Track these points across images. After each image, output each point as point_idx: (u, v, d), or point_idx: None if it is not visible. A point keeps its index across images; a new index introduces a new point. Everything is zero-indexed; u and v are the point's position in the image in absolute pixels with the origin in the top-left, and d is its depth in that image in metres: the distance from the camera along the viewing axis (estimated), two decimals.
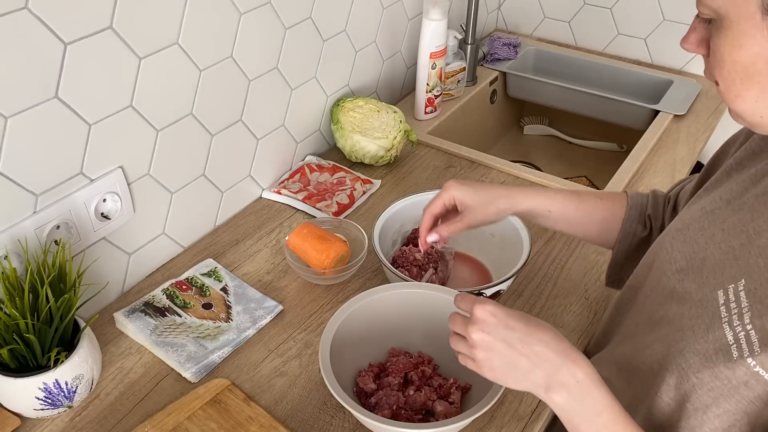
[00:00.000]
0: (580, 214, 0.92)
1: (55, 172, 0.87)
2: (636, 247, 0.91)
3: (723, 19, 0.57)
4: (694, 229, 0.71)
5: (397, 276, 0.95)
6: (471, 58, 1.57)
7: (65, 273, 0.82)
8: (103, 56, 0.86)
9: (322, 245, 1.02)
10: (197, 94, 1.03)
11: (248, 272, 1.08)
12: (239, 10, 1.04)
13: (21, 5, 0.75)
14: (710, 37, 0.60)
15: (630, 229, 0.91)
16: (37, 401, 0.80)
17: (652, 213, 0.91)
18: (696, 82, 1.59)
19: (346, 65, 1.35)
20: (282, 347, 0.96)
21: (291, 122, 1.26)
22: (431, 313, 0.90)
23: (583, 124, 1.73)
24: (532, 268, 1.09)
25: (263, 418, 0.84)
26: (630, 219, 0.91)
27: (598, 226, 0.92)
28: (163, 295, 1.01)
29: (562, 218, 0.92)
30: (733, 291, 0.62)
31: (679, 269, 0.70)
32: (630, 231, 0.91)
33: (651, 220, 0.90)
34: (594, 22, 1.75)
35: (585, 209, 0.92)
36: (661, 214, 0.90)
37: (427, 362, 0.89)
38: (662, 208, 0.90)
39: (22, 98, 0.79)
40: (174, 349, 0.93)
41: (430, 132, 1.45)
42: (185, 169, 1.07)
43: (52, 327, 0.79)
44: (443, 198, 0.92)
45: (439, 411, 0.82)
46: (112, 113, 0.91)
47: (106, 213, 0.96)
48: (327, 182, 1.27)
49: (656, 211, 0.91)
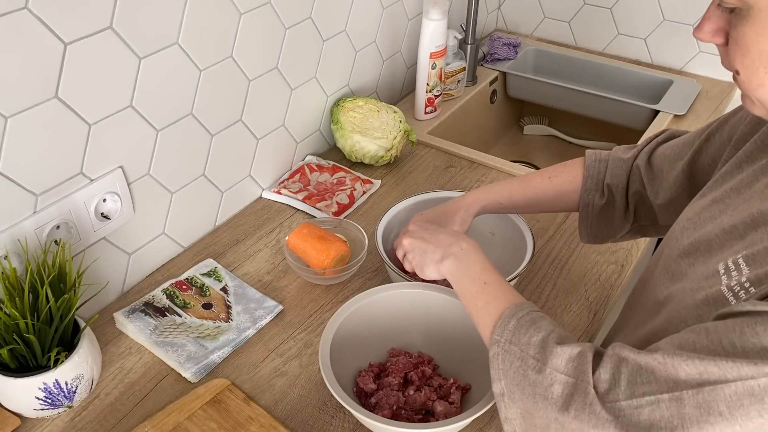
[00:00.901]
0: (529, 196, 0.97)
1: (55, 172, 0.87)
2: (597, 214, 0.94)
3: (751, 8, 0.57)
4: (705, 217, 0.71)
5: (399, 276, 0.95)
6: (471, 58, 1.57)
7: (65, 273, 0.82)
8: (103, 56, 0.86)
9: (322, 245, 1.02)
10: (197, 94, 1.03)
11: (248, 272, 1.08)
12: (239, 10, 1.04)
13: (21, 5, 0.75)
14: (729, 26, 0.60)
15: (587, 199, 0.94)
16: (37, 401, 0.80)
17: (611, 180, 0.92)
18: (696, 82, 1.59)
19: (346, 65, 1.35)
20: (282, 347, 0.96)
21: (291, 122, 1.26)
22: (431, 313, 0.90)
23: (583, 124, 1.73)
24: (532, 268, 1.09)
25: (263, 418, 0.84)
26: (587, 190, 0.94)
27: (551, 203, 0.98)
28: (163, 295, 1.01)
29: (514, 206, 0.98)
30: (733, 261, 0.62)
31: (686, 253, 0.71)
32: (588, 201, 0.94)
33: (611, 187, 0.92)
34: (594, 22, 1.75)
35: (533, 192, 0.97)
36: (623, 180, 0.91)
37: (427, 362, 0.89)
38: (626, 173, 0.91)
39: (22, 98, 0.79)
40: (174, 349, 0.93)
41: (430, 132, 1.45)
42: (185, 169, 1.07)
43: (52, 327, 0.79)
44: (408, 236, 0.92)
45: (439, 411, 0.82)
46: (112, 113, 0.91)
47: (106, 213, 0.96)
48: (327, 182, 1.27)
49: (615, 177, 0.92)
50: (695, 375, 0.55)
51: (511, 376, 0.66)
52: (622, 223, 0.93)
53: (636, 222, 0.93)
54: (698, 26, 0.63)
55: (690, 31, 1.61)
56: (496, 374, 0.68)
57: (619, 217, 0.93)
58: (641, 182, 0.89)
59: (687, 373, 0.56)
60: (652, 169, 0.88)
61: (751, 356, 0.53)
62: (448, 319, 0.89)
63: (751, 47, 0.59)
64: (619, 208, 0.92)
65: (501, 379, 0.67)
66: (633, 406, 0.57)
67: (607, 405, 0.59)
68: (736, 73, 0.62)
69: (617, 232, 0.95)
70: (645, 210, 0.91)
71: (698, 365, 0.55)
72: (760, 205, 0.65)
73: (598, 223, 0.95)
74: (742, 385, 0.53)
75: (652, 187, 0.88)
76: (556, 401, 0.62)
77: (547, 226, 1.19)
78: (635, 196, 0.91)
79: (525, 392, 0.65)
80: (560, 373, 0.62)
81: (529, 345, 0.66)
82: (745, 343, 0.54)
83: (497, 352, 0.68)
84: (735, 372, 0.53)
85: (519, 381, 0.65)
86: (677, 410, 0.55)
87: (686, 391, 0.55)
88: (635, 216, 0.92)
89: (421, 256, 0.84)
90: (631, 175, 0.91)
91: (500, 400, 0.68)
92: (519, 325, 0.68)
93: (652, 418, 0.56)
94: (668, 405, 0.56)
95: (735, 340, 0.55)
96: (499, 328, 0.69)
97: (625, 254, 1.13)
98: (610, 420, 0.58)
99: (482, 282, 0.77)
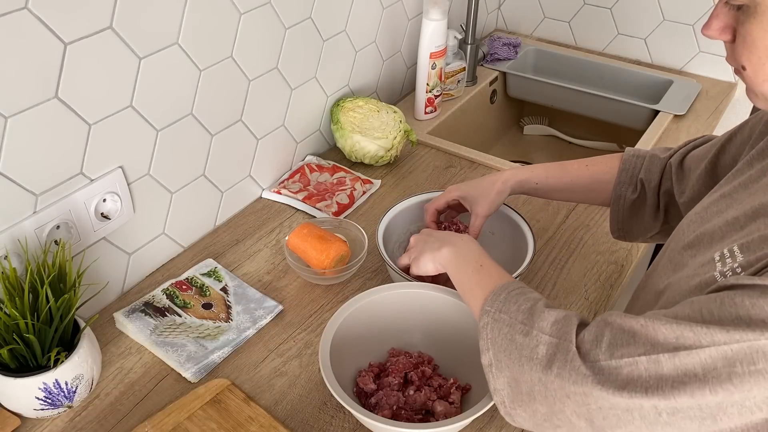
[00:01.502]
0: (565, 181, 0.99)
1: (55, 172, 0.87)
2: (629, 209, 0.95)
3: (758, 5, 0.59)
4: (712, 212, 0.72)
5: (399, 276, 0.95)
6: (471, 58, 1.57)
7: (65, 273, 0.82)
8: (103, 56, 0.86)
9: (322, 245, 1.02)
10: (197, 94, 1.03)
11: (248, 272, 1.08)
12: (239, 10, 1.04)
13: (21, 5, 0.75)
14: (737, 23, 0.62)
15: (620, 191, 0.96)
16: (37, 401, 0.80)
17: (645, 176, 0.93)
18: (696, 82, 1.59)
19: (346, 65, 1.35)
20: (282, 347, 0.96)
21: (291, 122, 1.26)
22: (431, 313, 0.90)
23: (583, 124, 1.73)
24: (532, 268, 1.09)
25: (263, 418, 0.84)
26: (620, 182, 0.95)
27: (584, 190, 1.00)
28: (163, 295, 1.01)
29: (548, 187, 1.00)
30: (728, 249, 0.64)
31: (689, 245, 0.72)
32: (620, 194, 0.96)
33: (643, 183, 0.93)
34: (594, 22, 1.75)
35: (569, 176, 0.99)
36: (656, 177, 0.93)
37: (427, 362, 0.89)
38: (659, 171, 0.93)
39: (22, 98, 0.79)
40: (174, 349, 0.93)
41: (430, 132, 1.45)
42: (185, 169, 1.07)
43: (52, 327, 0.79)
44: (446, 197, 1.02)
45: (439, 411, 0.82)
46: (112, 113, 0.91)
47: (106, 213, 0.96)
48: (327, 182, 1.27)
49: (650, 174, 0.93)
50: (672, 339, 0.58)
51: (499, 343, 0.69)
52: (653, 222, 0.94)
53: (667, 223, 0.94)
54: (706, 24, 0.65)
55: (690, 31, 1.61)
56: (485, 344, 0.70)
57: (650, 215, 0.94)
58: (671, 181, 0.91)
59: (665, 337, 0.58)
60: (682, 168, 0.90)
61: (726, 324, 0.56)
62: (448, 319, 0.89)
63: (759, 43, 0.60)
64: (650, 205, 0.93)
65: (489, 349, 0.70)
66: (612, 366, 0.60)
67: (588, 363, 0.61)
68: (741, 68, 0.64)
69: (647, 231, 0.96)
70: (675, 210, 0.92)
71: (675, 329, 0.58)
72: (763, 197, 0.66)
73: (629, 218, 0.96)
74: (716, 350, 0.55)
75: (679, 185, 0.89)
76: (540, 361, 0.64)
77: (547, 226, 1.19)
78: (666, 194, 0.92)
79: (511, 357, 0.67)
80: (545, 334, 0.65)
81: (518, 312, 0.69)
82: (722, 313, 0.56)
83: (487, 322, 0.71)
84: (708, 338, 0.56)
85: (506, 347, 0.68)
86: (655, 371, 0.58)
87: (663, 354, 0.58)
88: (666, 216, 0.93)
89: (421, 247, 0.89)
90: (664, 174, 0.92)
91: (488, 371, 0.70)
92: (509, 297, 0.71)
93: (630, 377, 0.59)
94: (646, 366, 0.58)
95: (714, 310, 0.57)
96: (490, 300, 0.73)
97: (625, 254, 1.13)
98: (589, 376, 0.61)
99: (478, 264, 0.80)
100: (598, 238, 1.15)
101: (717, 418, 0.57)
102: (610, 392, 0.59)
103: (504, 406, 0.69)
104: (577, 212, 1.21)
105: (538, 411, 0.66)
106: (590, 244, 1.14)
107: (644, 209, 0.94)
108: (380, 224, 1.04)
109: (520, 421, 0.69)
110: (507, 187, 0.99)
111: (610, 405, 0.60)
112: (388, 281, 1.05)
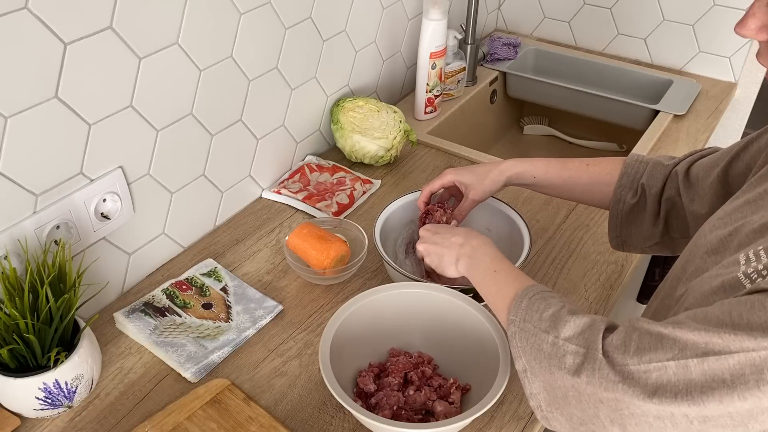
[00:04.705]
0: (564, 178, 0.98)
1: (55, 172, 0.87)
2: (627, 214, 0.94)
3: None
4: (735, 217, 0.71)
5: (399, 273, 0.95)
6: (471, 58, 1.57)
7: (65, 273, 0.82)
8: (103, 56, 0.86)
9: (322, 245, 1.02)
10: (197, 94, 1.03)
11: (248, 272, 1.08)
12: (239, 10, 1.04)
13: (21, 5, 0.75)
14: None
15: (619, 195, 0.94)
16: (37, 401, 0.80)
17: (647, 182, 0.92)
18: (696, 82, 1.59)
19: (346, 65, 1.35)
20: (282, 347, 0.96)
21: (291, 122, 1.26)
22: (431, 313, 0.90)
23: (583, 124, 1.73)
24: (532, 268, 1.09)
25: (263, 418, 0.84)
26: (621, 186, 0.94)
27: (582, 189, 0.98)
28: (163, 295, 1.01)
29: (547, 183, 0.99)
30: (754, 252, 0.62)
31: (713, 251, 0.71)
32: (619, 198, 0.94)
33: (644, 188, 0.92)
34: (594, 22, 1.75)
35: (568, 173, 0.98)
36: (659, 183, 0.91)
37: (427, 362, 0.89)
38: (663, 177, 0.91)
39: (22, 98, 0.79)
40: (174, 349, 0.93)
41: (430, 132, 1.45)
42: (185, 169, 1.07)
43: (52, 327, 0.79)
44: (442, 180, 1.03)
45: (439, 411, 0.82)
46: (112, 113, 0.91)
47: (106, 213, 0.96)
48: (327, 182, 1.27)
49: (653, 179, 0.92)
50: (701, 344, 0.57)
51: (529, 351, 0.69)
52: (652, 230, 0.92)
53: (667, 234, 0.92)
54: (741, 22, 0.63)
55: (690, 31, 1.61)
56: (516, 352, 0.71)
57: (649, 222, 0.92)
58: (677, 189, 0.89)
59: (694, 342, 0.57)
60: (689, 177, 0.88)
61: (754, 329, 0.55)
62: (448, 319, 0.89)
63: None
64: (650, 211, 0.91)
65: (521, 356, 0.70)
66: (641, 371, 0.60)
67: (617, 368, 0.61)
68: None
69: (646, 239, 0.94)
70: (677, 221, 0.90)
71: (703, 336, 0.57)
72: None
73: (628, 224, 0.94)
74: (745, 356, 0.55)
75: (687, 194, 0.87)
76: (569, 370, 0.64)
77: (547, 226, 1.19)
78: (668, 202, 0.90)
79: (542, 365, 0.68)
80: (571, 344, 0.65)
81: (541, 320, 0.69)
82: (751, 317, 0.55)
83: (514, 332, 0.72)
84: (737, 344, 0.55)
85: (536, 355, 0.68)
86: (684, 375, 0.57)
87: (692, 359, 0.57)
88: (666, 226, 0.91)
89: (438, 260, 0.90)
90: (668, 181, 0.90)
91: (523, 376, 0.70)
92: (530, 304, 0.72)
93: (659, 382, 0.58)
94: (675, 371, 0.58)
95: (744, 313, 0.56)
96: (513, 309, 0.73)
97: (625, 254, 1.12)
98: (618, 381, 0.60)
99: (492, 271, 0.82)
100: (598, 238, 1.15)
101: (748, 426, 0.56)
102: (640, 398, 0.59)
103: (540, 410, 0.69)
104: (577, 212, 1.22)
105: (574, 415, 0.66)
106: (590, 244, 1.14)
107: (643, 215, 0.92)
108: (377, 221, 1.04)
109: (557, 425, 0.69)
110: (503, 176, 0.99)
111: (642, 412, 0.59)
112: (388, 281, 1.05)
